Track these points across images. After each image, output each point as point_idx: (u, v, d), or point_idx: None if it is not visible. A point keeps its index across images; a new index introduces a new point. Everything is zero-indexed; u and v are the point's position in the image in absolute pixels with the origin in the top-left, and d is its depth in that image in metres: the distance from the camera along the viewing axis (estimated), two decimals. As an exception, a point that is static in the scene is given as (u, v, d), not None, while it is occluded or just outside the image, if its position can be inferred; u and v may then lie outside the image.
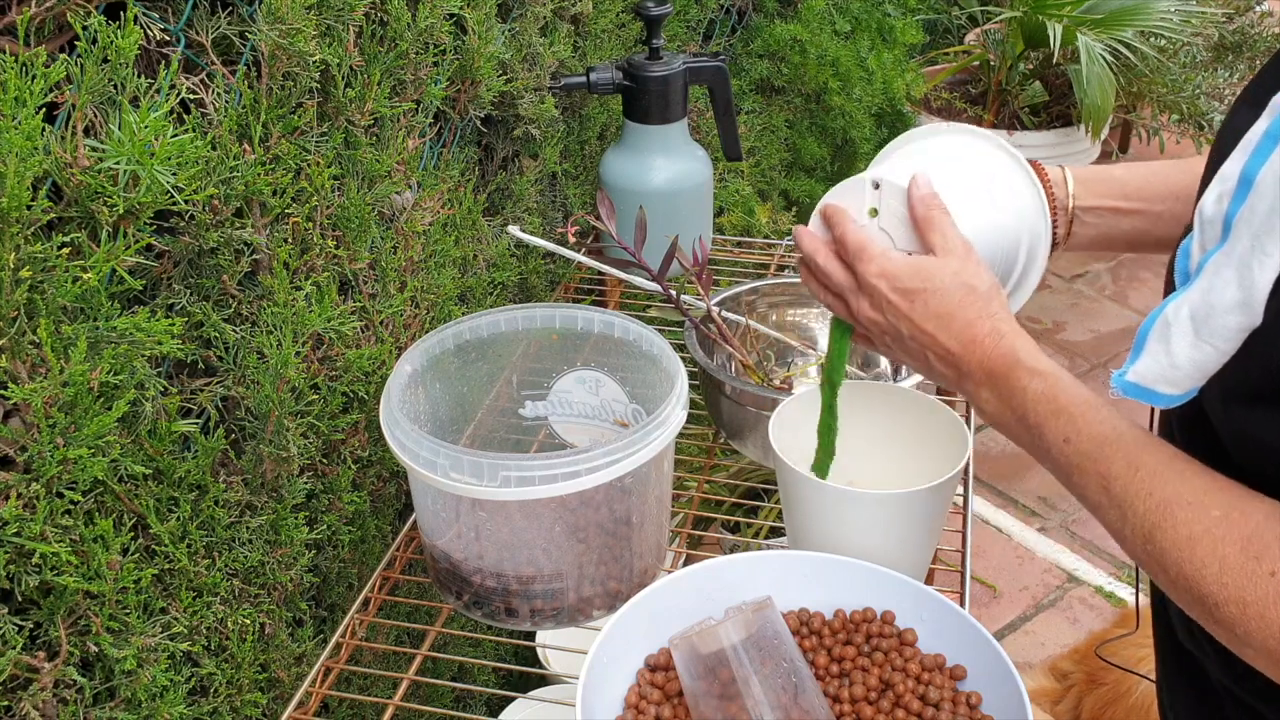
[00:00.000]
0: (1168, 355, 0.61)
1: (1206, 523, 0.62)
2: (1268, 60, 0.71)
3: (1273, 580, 0.59)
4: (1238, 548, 0.61)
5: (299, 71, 0.99)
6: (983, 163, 0.92)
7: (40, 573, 0.81)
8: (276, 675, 1.09)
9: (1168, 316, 0.62)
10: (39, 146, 0.74)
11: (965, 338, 0.80)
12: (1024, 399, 0.75)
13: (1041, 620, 2.18)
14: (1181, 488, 0.65)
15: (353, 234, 1.11)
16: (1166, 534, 0.64)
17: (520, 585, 0.98)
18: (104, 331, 0.82)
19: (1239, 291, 0.57)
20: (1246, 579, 0.60)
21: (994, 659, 0.84)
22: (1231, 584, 0.60)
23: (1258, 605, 0.59)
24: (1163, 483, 0.66)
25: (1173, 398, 0.63)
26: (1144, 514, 0.65)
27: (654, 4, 1.44)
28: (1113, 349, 2.91)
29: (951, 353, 0.81)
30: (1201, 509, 0.63)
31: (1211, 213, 0.61)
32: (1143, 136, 3.09)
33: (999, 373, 0.78)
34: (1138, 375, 0.63)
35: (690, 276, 1.28)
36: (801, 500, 0.98)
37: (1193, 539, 0.63)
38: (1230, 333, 0.59)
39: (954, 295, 0.81)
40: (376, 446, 1.20)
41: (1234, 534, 0.61)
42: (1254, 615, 0.59)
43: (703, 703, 0.83)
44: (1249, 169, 0.58)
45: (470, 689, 1.41)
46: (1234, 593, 0.60)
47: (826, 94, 2.37)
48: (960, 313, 0.81)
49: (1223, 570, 0.61)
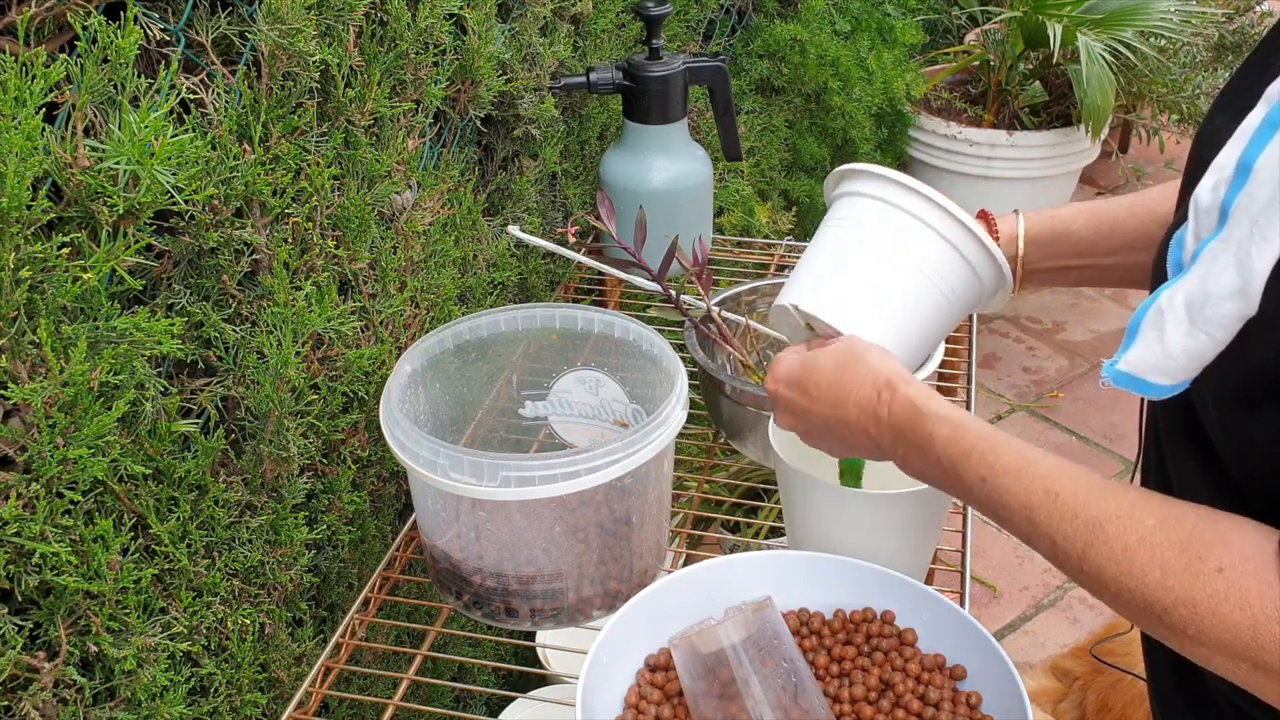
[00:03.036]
0: (1161, 344, 0.61)
1: (1141, 532, 0.62)
2: (1239, 66, 0.71)
3: (1220, 576, 0.59)
4: (1177, 551, 0.61)
5: (299, 71, 0.99)
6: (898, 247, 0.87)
7: (40, 573, 0.81)
8: (276, 675, 1.09)
9: (1161, 305, 0.61)
10: (39, 146, 0.74)
11: (862, 404, 0.81)
12: (933, 447, 0.75)
13: (1041, 620, 2.17)
14: (1106, 505, 0.65)
15: (353, 234, 1.11)
16: (1100, 551, 0.64)
17: (520, 585, 0.98)
18: (104, 331, 0.82)
19: (1237, 278, 0.57)
20: (1193, 578, 0.60)
21: (994, 659, 0.84)
22: (1177, 586, 0.60)
23: (1208, 603, 0.59)
24: (1085, 503, 0.66)
25: (1165, 388, 0.62)
26: (1072, 536, 0.65)
27: (654, 4, 1.44)
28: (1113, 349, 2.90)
29: (857, 424, 0.81)
30: (1133, 520, 0.63)
31: (1207, 201, 0.61)
32: (1143, 136, 3.09)
33: (904, 427, 0.78)
34: (1130, 364, 0.63)
35: (690, 276, 1.28)
36: (801, 500, 0.98)
37: (1128, 550, 0.63)
38: (1227, 320, 0.58)
39: (834, 368, 0.82)
40: (376, 446, 1.20)
41: (1170, 539, 0.61)
42: (1205, 613, 0.59)
43: (703, 703, 0.83)
44: (1247, 156, 0.58)
45: (470, 689, 1.41)
46: (1181, 595, 0.60)
47: (826, 94, 2.37)
48: (848, 381, 0.81)
49: (1165, 574, 0.61)
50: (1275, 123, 0.57)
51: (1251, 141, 0.58)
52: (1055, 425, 2.67)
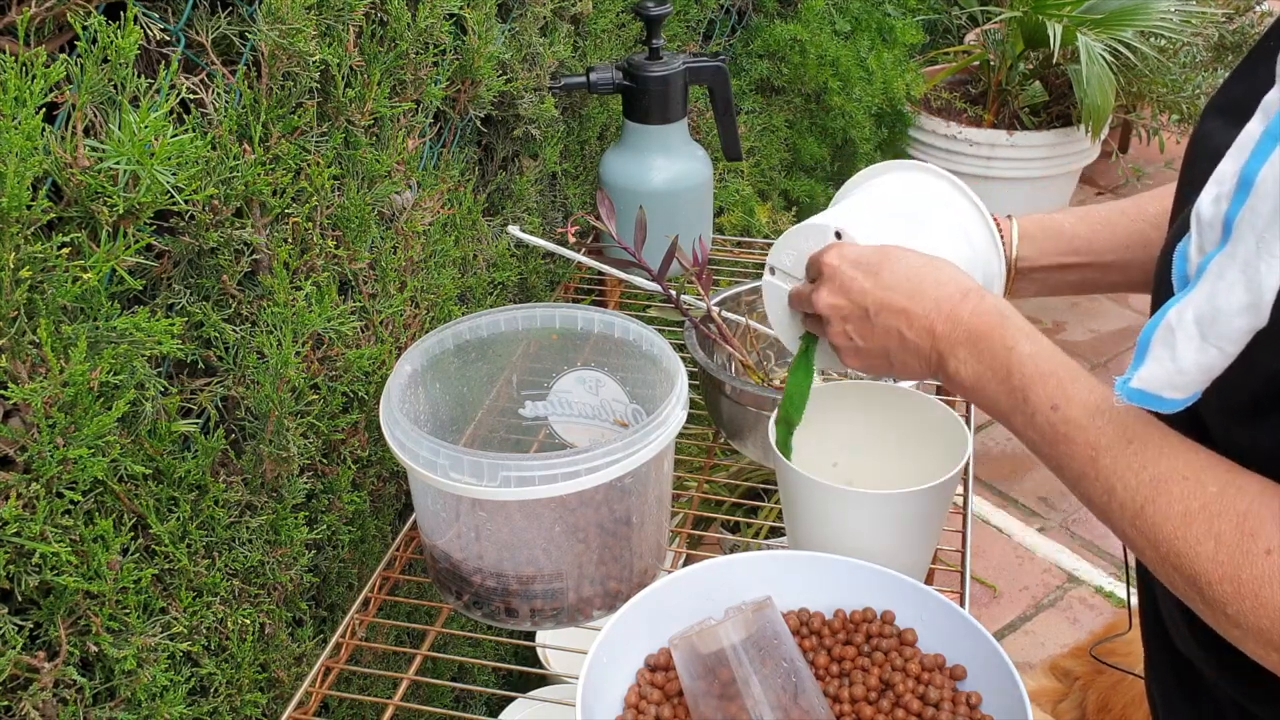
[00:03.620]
0: (1173, 360, 0.61)
1: (1203, 498, 0.62)
2: (1230, 73, 0.71)
3: (1268, 559, 0.58)
4: (1233, 524, 0.60)
5: (299, 71, 0.99)
6: (942, 206, 0.93)
7: (40, 573, 0.81)
8: (276, 675, 1.09)
9: (1171, 321, 0.61)
10: (39, 146, 0.74)
11: (937, 299, 0.78)
12: (1009, 359, 0.73)
13: (1041, 620, 2.17)
14: (1175, 462, 0.64)
15: (353, 234, 1.11)
16: (1160, 509, 0.63)
17: (520, 585, 0.98)
18: (104, 331, 0.83)
19: (1246, 294, 0.57)
20: (1243, 557, 0.59)
21: (994, 659, 0.84)
22: (1227, 562, 0.60)
23: (1252, 584, 0.59)
24: (1156, 456, 0.64)
25: (1178, 402, 0.62)
26: (1135, 488, 0.64)
27: (654, 4, 1.44)
28: (1113, 349, 2.91)
29: (924, 316, 0.78)
30: (1198, 484, 0.62)
31: (1210, 214, 0.61)
32: (1143, 136, 3.09)
33: (982, 331, 0.75)
34: (1143, 381, 0.62)
35: (690, 276, 1.28)
36: (801, 500, 0.98)
37: (1188, 515, 0.62)
38: (1238, 335, 0.58)
39: (917, 263, 0.80)
40: (376, 446, 1.20)
41: (1230, 510, 0.60)
42: (1248, 594, 0.59)
43: (703, 703, 0.83)
44: (1248, 170, 0.58)
45: (470, 689, 1.41)
46: (1229, 571, 0.59)
47: (826, 94, 2.37)
48: (928, 278, 0.79)
49: (1218, 548, 0.60)
50: (1276, 135, 0.57)
51: (1252, 155, 0.58)
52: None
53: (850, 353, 0.87)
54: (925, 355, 0.80)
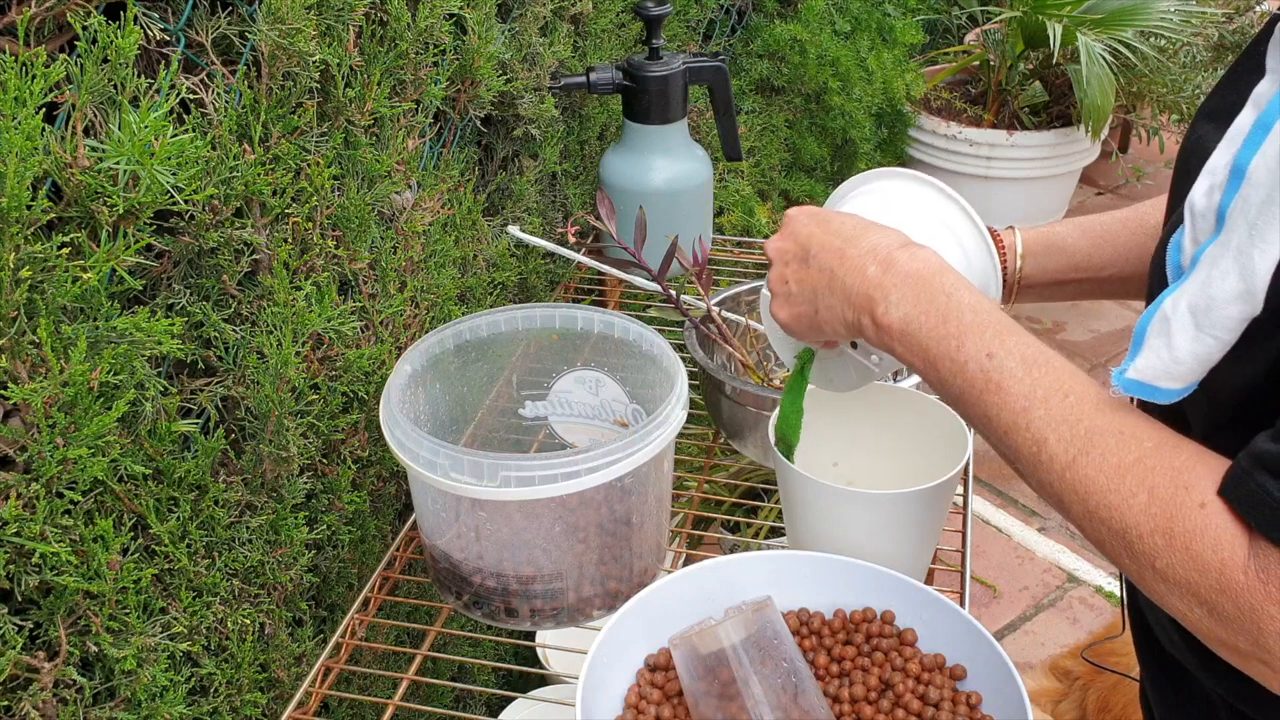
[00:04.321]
0: (1169, 350, 0.61)
1: (1138, 452, 0.61)
2: (1219, 81, 0.71)
3: (1201, 512, 0.58)
4: (1168, 478, 0.60)
5: (299, 71, 0.99)
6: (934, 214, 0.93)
7: (40, 573, 0.81)
8: (276, 675, 1.09)
9: (1166, 311, 0.61)
10: (39, 146, 0.74)
11: (878, 244, 0.77)
12: (948, 304, 0.72)
13: (1041, 620, 2.17)
14: (1111, 418, 0.64)
15: (353, 234, 1.11)
16: (1093, 461, 0.62)
17: (520, 585, 0.98)
18: (104, 331, 0.83)
19: (1240, 282, 0.57)
20: (1176, 509, 0.59)
21: (994, 659, 0.84)
22: (1159, 514, 0.59)
23: (1184, 537, 0.58)
24: (1092, 410, 0.64)
25: (1174, 392, 0.62)
26: (1069, 440, 0.64)
27: (654, 4, 1.44)
28: (1112, 349, 2.91)
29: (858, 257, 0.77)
30: (1133, 439, 0.62)
31: (1203, 205, 0.61)
32: (1143, 137, 3.09)
33: (922, 275, 0.74)
34: (1138, 372, 0.63)
35: (690, 276, 1.28)
36: (801, 500, 0.98)
37: (1122, 467, 0.61)
38: (1232, 323, 0.58)
39: (869, 221, 0.80)
40: (376, 446, 1.20)
41: (1165, 464, 0.60)
42: (1179, 547, 0.59)
43: (703, 703, 0.83)
44: (1240, 159, 0.58)
45: (470, 689, 1.41)
46: (1161, 523, 0.59)
47: (826, 94, 2.37)
48: (876, 228, 0.79)
49: (1151, 500, 0.60)
50: (1266, 124, 0.58)
51: (1244, 144, 0.59)
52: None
53: (782, 300, 0.85)
54: (851, 298, 0.77)
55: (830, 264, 0.79)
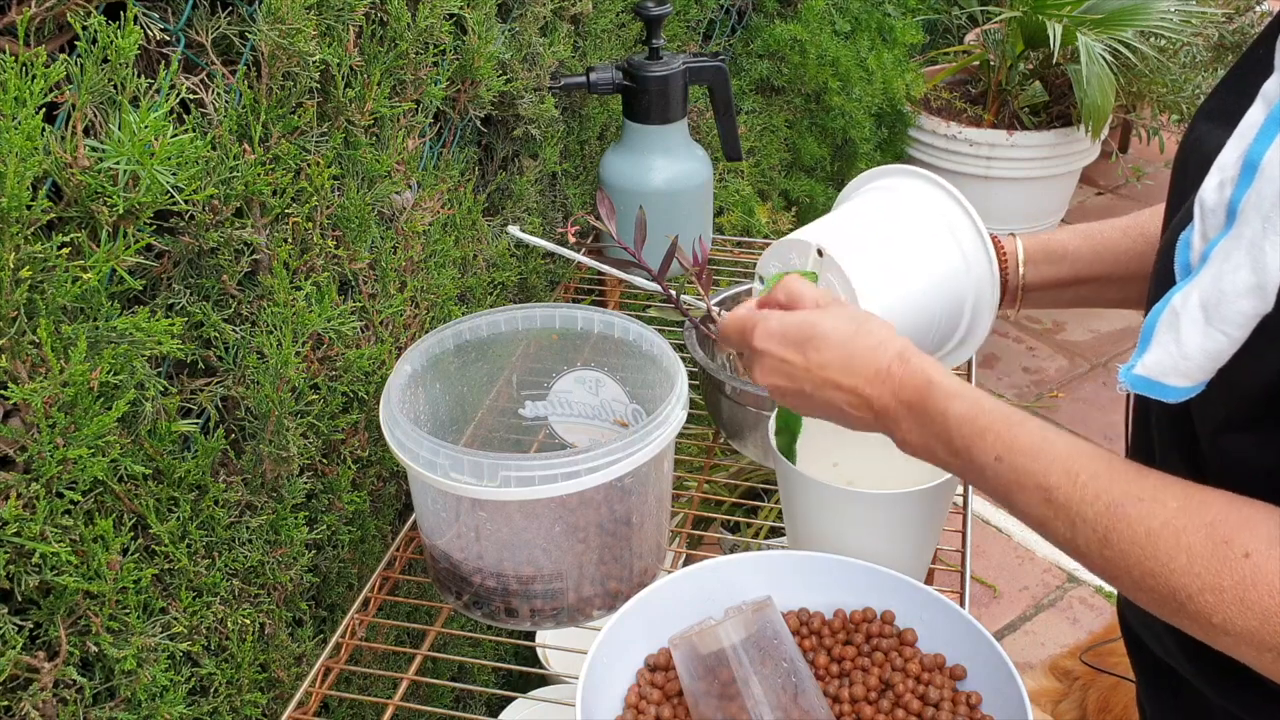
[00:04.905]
0: (1178, 345, 0.60)
1: (1165, 515, 0.61)
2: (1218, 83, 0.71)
3: (1247, 562, 0.58)
4: (1203, 535, 0.59)
5: (299, 71, 0.99)
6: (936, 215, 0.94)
7: (40, 573, 0.81)
8: (276, 675, 1.09)
9: (1176, 306, 0.60)
10: (39, 146, 0.74)
11: (870, 373, 0.77)
12: (946, 424, 0.73)
13: (1041, 620, 2.17)
14: (1129, 487, 0.63)
15: (353, 234, 1.11)
16: (1123, 534, 0.62)
17: (520, 585, 0.98)
18: (104, 331, 0.82)
19: (1252, 275, 0.57)
20: (1220, 564, 0.58)
21: (994, 659, 0.84)
22: (1204, 572, 0.59)
23: (1235, 589, 0.58)
24: (1108, 485, 0.64)
25: (1183, 390, 0.61)
26: (1094, 519, 0.64)
27: (654, 4, 1.44)
28: (1113, 349, 2.91)
29: (860, 392, 0.77)
30: (1156, 504, 0.62)
31: (1213, 201, 0.60)
32: (1143, 137, 3.09)
33: (915, 402, 0.75)
34: (1146, 368, 0.62)
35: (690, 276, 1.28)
36: (801, 500, 0.98)
37: (1152, 534, 0.61)
38: (1243, 318, 0.58)
39: (845, 333, 0.78)
40: (376, 446, 1.20)
41: (1196, 522, 0.60)
42: (1232, 600, 0.58)
43: (703, 703, 0.83)
44: (1253, 153, 0.58)
45: (470, 689, 1.41)
46: (1208, 580, 0.59)
47: (826, 94, 2.37)
48: (858, 348, 0.78)
49: (1191, 560, 0.59)
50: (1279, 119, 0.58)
51: (1256, 139, 0.58)
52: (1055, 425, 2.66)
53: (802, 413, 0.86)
54: (871, 425, 0.79)
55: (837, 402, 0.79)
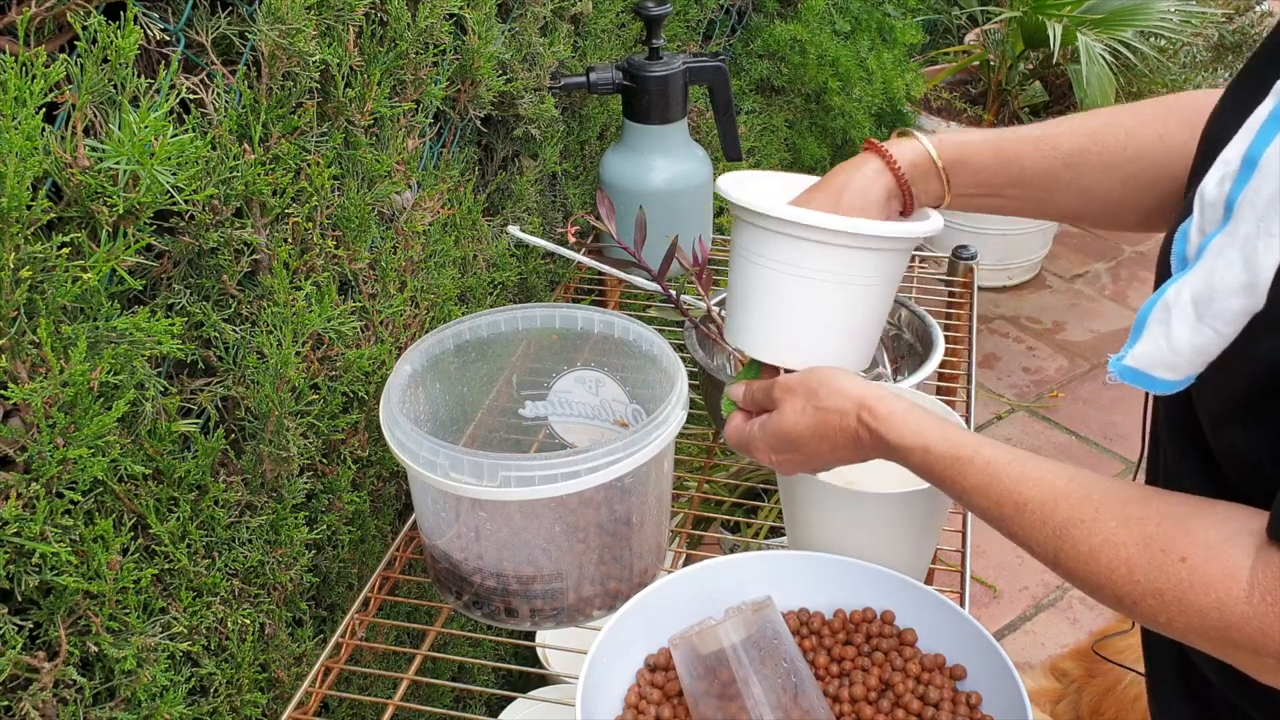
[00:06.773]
0: (1167, 339, 0.61)
1: (1104, 534, 0.65)
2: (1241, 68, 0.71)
3: (1184, 565, 0.61)
4: (1139, 548, 0.63)
5: (299, 71, 0.99)
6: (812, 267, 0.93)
7: (40, 573, 0.81)
8: (276, 675, 1.09)
9: (1168, 300, 0.61)
10: (39, 146, 0.74)
11: (848, 440, 0.83)
12: (911, 463, 0.79)
13: (1041, 620, 2.17)
14: (1071, 511, 0.68)
15: (353, 234, 1.11)
16: (1068, 554, 0.67)
17: (520, 585, 0.98)
18: (104, 331, 0.82)
19: (1244, 273, 0.57)
20: (1157, 571, 0.62)
21: (994, 659, 0.84)
22: (1143, 579, 0.63)
23: (1174, 592, 0.61)
24: (1052, 511, 0.69)
25: (1170, 383, 0.62)
26: (1044, 542, 0.69)
27: (654, 4, 1.44)
28: (1113, 349, 2.90)
29: (850, 457, 0.85)
30: (1096, 524, 0.66)
31: (1213, 195, 0.60)
32: (1143, 136, 3.08)
33: (885, 450, 0.81)
34: (1136, 359, 0.63)
35: (690, 276, 1.28)
36: (801, 500, 0.98)
37: (1094, 551, 0.66)
38: (1233, 316, 0.58)
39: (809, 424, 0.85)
40: (376, 446, 1.20)
41: (1132, 537, 0.64)
42: (1172, 602, 0.61)
43: (703, 703, 0.83)
44: (1253, 150, 0.58)
45: (470, 689, 1.41)
46: (1148, 587, 0.63)
47: (826, 94, 2.37)
48: (829, 430, 0.84)
49: (1131, 570, 0.63)
50: None
51: (1258, 136, 0.58)
52: (1055, 425, 2.67)
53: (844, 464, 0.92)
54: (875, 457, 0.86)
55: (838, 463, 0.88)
